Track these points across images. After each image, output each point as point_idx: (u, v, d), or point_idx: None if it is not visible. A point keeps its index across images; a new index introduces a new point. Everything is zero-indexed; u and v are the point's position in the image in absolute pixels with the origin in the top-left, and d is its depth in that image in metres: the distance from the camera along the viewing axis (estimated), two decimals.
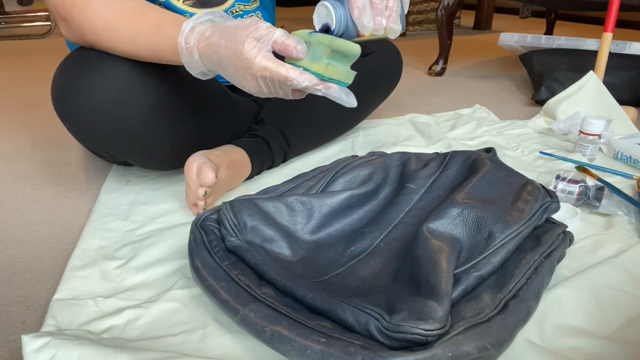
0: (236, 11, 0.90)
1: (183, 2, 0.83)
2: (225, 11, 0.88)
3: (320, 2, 0.54)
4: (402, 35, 2.64)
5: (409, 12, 2.77)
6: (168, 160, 0.81)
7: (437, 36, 1.80)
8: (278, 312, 0.46)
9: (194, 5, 0.85)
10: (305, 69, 0.52)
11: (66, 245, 0.71)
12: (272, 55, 0.51)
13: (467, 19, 3.15)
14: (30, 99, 1.51)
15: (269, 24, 0.52)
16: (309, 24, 3.16)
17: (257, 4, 0.93)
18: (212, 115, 0.82)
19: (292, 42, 0.51)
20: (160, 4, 0.82)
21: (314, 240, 0.60)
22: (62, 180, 0.93)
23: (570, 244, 0.60)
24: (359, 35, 0.55)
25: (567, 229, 0.60)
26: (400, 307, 0.44)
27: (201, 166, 0.71)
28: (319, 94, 0.52)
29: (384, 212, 0.62)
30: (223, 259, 0.54)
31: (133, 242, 0.70)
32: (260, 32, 0.51)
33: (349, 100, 0.53)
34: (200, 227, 0.59)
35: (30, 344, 0.45)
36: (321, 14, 0.54)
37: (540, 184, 0.62)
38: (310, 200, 0.62)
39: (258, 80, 0.52)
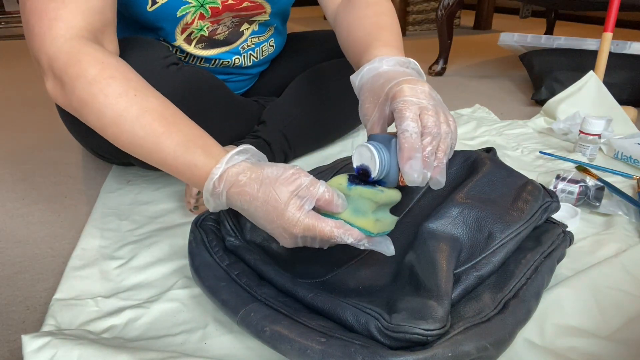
0: (248, 45, 0.89)
1: (194, 46, 0.83)
2: (237, 48, 0.88)
3: (363, 144, 0.50)
4: (402, 34, 2.63)
5: (408, 12, 2.77)
6: None
7: (437, 36, 1.80)
8: (278, 312, 0.46)
9: (204, 48, 0.85)
10: (347, 222, 0.47)
11: (66, 245, 0.71)
12: (313, 213, 0.46)
13: (467, 19, 3.14)
14: (31, 99, 1.51)
15: (311, 178, 0.47)
16: (309, 24, 3.15)
17: (272, 32, 0.93)
18: (214, 116, 0.82)
19: (334, 198, 0.47)
20: (173, 47, 0.82)
21: None
22: (62, 180, 0.93)
23: (570, 244, 0.60)
24: (398, 182, 0.50)
25: (567, 229, 0.60)
26: (400, 307, 0.44)
27: None
28: (362, 247, 0.47)
29: None
30: (223, 259, 0.54)
31: (133, 242, 0.70)
32: (304, 191, 0.46)
33: (390, 250, 0.48)
34: (200, 227, 0.59)
35: (30, 344, 0.45)
36: (363, 155, 0.49)
37: (540, 184, 0.62)
38: None
39: (297, 238, 0.47)
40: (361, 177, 0.50)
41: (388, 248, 0.48)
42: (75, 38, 0.56)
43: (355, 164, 0.50)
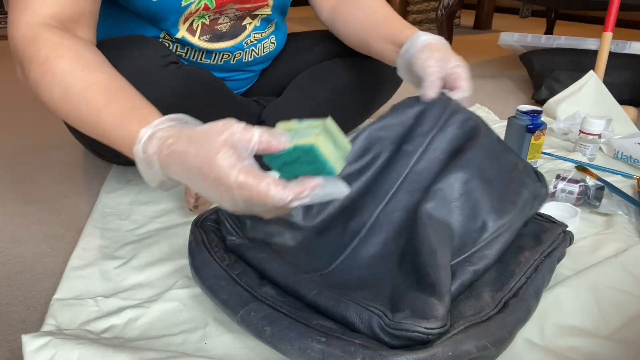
0: (251, 41, 0.90)
1: (199, 38, 0.83)
2: (241, 43, 0.88)
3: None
4: None
5: (408, 11, 2.76)
6: None
7: None
8: (278, 311, 0.46)
9: (209, 41, 0.85)
10: (290, 149, 0.43)
11: (66, 245, 0.71)
12: (251, 168, 0.42)
13: (467, 18, 3.14)
14: (31, 99, 1.51)
15: (244, 125, 0.44)
16: (309, 24, 3.15)
17: (273, 28, 0.93)
18: (213, 116, 0.81)
19: (274, 138, 0.43)
20: (175, 40, 0.82)
21: (315, 225, 0.58)
22: (62, 180, 0.93)
23: (570, 244, 0.60)
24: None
25: (567, 229, 0.60)
26: (403, 304, 0.44)
27: None
28: (309, 201, 0.43)
29: (381, 180, 0.60)
30: (223, 259, 0.54)
31: (133, 242, 0.70)
32: (237, 137, 0.43)
33: (340, 190, 0.45)
34: (200, 227, 0.59)
35: (30, 344, 0.45)
36: None
37: (530, 164, 0.61)
38: None
39: (234, 195, 0.43)
40: None
41: (338, 189, 0.44)
42: (38, 24, 0.58)
43: None
